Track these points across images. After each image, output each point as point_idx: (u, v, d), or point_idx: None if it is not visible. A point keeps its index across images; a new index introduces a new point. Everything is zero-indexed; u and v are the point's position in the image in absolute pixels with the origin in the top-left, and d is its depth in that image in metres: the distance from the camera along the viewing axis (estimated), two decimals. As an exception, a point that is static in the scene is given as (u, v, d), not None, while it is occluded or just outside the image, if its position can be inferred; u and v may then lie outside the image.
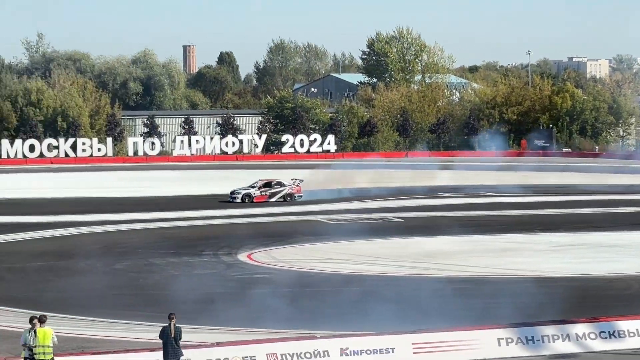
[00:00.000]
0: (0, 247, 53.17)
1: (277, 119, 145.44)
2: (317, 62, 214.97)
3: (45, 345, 25.47)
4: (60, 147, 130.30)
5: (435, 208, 71.18)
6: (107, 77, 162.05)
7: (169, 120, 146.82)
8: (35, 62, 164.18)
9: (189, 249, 51.18)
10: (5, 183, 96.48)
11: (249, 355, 27.74)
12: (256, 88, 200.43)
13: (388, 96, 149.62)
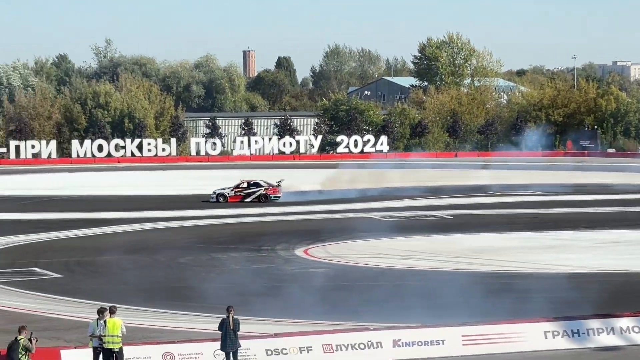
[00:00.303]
0: (70, 242, 53.56)
1: (332, 120, 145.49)
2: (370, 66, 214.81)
3: (114, 334, 25.65)
4: (127, 147, 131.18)
5: (484, 206, 70.91)
6: (171, 80, 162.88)
7: (229, 121, 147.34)
8: (103, 67, 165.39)
9: (249, 244, 51.29)
10: (75, 181, 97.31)
11: (305, 346, 27.76)
12: (312, 91, 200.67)
13: (438, 99, 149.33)
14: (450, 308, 33.88)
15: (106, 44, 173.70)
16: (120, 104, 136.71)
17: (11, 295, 37.87)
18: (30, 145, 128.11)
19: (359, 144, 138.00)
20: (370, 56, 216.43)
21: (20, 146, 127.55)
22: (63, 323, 32.65)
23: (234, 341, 26.17)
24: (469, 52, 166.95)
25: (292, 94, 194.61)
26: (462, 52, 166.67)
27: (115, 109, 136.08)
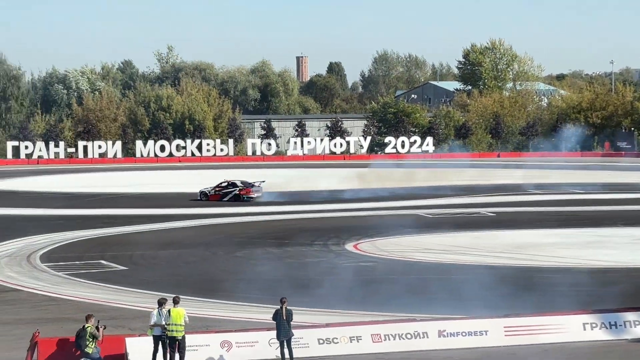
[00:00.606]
0: (134, 236, 53.92)
1: (381, 122, 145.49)
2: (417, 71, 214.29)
3: (177, 323, 25.83)
4: (187, 148, 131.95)
5: (525, 204, 70.59)
6: (228, 85, 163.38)
7: (283, 123, 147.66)
8: (165, 72, 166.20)
9: (302, 238, 51.37)
10: (139, 179, 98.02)
11: (355, 335, 27.79)
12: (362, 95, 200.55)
13: (482, 102, 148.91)
14: (492, 300, 33.76)
15: (168, 50, 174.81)
16: (181, 106, 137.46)
17: (79, 286, 38.22)
18: (97, 146, 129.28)
19: (405, 144, 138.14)
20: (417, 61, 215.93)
21: (88, 146, 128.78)
22: (127, 312, 32.91)
23: (287, 330, 26.27)
24: (511, 57, 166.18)
25: (342, 97, 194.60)
26: (504, 58, 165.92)
27: (177, 112, 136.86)
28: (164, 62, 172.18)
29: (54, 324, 30.25)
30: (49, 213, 65.14)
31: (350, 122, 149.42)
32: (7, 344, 28.57)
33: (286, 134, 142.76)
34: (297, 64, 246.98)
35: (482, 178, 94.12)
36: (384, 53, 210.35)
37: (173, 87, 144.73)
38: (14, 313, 33.19)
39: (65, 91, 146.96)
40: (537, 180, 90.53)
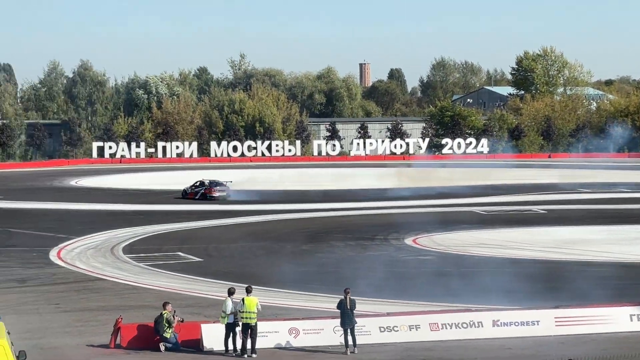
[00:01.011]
0: (209, 230, 54.26)
1: (438, 125, 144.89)
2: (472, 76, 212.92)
3: (251, 311, 25.99)
4: (258, 148, 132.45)
5: (575, 202, 69.91)
6: (296, 90, 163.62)
7: (347, 126, 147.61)
8: (238, 78, 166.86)
9: (364, 233, 51.36)
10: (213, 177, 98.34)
11: (414, 324, 27.74)
12: (421, 99, 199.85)
13: (534, 106, 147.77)
14: (544, 292, 33.53)
15: (241, 58, 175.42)
16: (252, 110, 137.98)
17: (158, 276, 38.57)
18: (175, 146, 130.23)
19: (461, 146, 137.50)
20: (472, 68, 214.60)
21: (166, 147, 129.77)
22: (202, 301, 33.14)
23: (351, 319, 26.30)
24: (561, 64, 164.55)
25: (402, 101, 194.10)
26: (555, 64, 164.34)
27: (248, 115, 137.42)
28: (237, 69, 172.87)
29: (135, 310, 30.60)
30: (130, 208, 65.78)
31: (410, 125, 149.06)
32: (92, 329, 28.95)
33: (349, 135, 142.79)
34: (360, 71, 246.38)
35: (534, 177, 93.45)
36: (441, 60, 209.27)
37: (245, 92, 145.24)
38: (99, 300, 33.61)
39: (146, 96, 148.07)
40: (586, 179, 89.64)
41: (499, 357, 24.54)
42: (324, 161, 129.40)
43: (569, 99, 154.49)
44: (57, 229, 53.69)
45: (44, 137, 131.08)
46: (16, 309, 31.74)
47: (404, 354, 25.95)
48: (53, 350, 26.43)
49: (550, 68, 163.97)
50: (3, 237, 50.95)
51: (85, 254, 44.47)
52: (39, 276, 38.76)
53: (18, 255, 44.28)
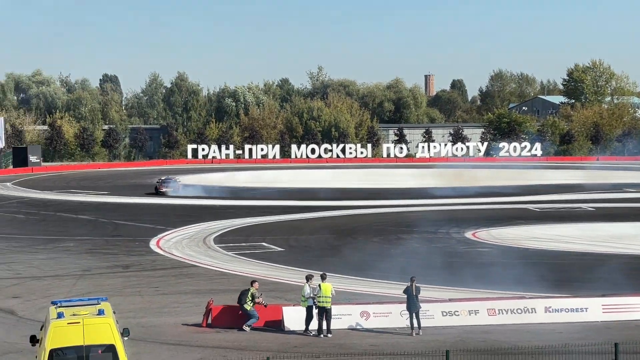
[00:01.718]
0: (289, 223, 54.39)
1: (496, 130, 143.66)
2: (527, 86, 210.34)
3: (326, 296, 26.09)
4: (333, 151, 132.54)
5: (622, 200, 68.73)
6: (368, 98, 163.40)
7: (413, 131, 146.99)
8: (316, 88, 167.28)
9: (428, 227, 51.08)
10: (294, 176, 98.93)
11: (473, 309, 27.59)
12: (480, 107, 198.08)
13: (583, 113, 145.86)
14: (593, 282, 33.06)
15: (318, 70, 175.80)
16: (328, 116, 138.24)
17: (245, 263, 38.81)
18: (260, 148, 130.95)
19: (517, 149, 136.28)
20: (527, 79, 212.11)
21: (252, 149, 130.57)
22: (284, 286, 33.29)
23: (415, 304, 26.24)
24: (609, 75, 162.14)
25: (463, 109, 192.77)
26: (603, 76, 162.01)
27: (325, 121, 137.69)
28: (315, 80, 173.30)
29: (225, 294, 30.84)
30: (220, 203, 66.30)
31: (470, 130, 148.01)
32: (187, 310, 29.26)
33: (415, 139, 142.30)
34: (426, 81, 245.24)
35: (583, 178, 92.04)
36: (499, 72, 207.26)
37: (322, 101, 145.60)
38: (192, 284, 33.95)
39: (234, 103, 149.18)
40: (631, 180, 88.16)
41: (551, 340, 24.22)
42: (392, 162, 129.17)
43: (616, 107, 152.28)
44: (157, 221, 54.36)
45: (145, 140, 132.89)
46: (121, 292, 32.23)
47: (463, 336, 25.79)
48: (152, 328, 26.77)
49: (598, 79, 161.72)
50: (109, 228, 51.75)
51: (181, 243, 44.96)
52: (140, 263, 39.29)
53: (123, 245, 44.94)
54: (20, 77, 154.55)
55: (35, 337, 20.18)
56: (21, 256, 41.16)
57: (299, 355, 22.03)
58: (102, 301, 20.00)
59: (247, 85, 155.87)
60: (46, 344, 18.10)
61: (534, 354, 21.98)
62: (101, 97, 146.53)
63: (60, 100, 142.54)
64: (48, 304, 22.23)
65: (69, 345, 18.04)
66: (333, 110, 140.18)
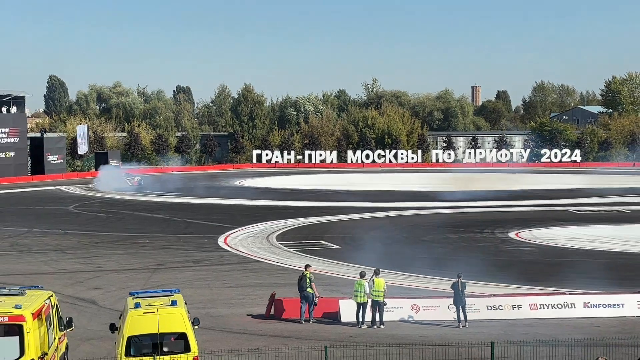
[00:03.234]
0: (346, 223, 54.33)
1: (538, 138, 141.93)
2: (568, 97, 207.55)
3: (379, 290, 26.04)
4: (386, 156, 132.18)
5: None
6: (418, 108, 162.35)
7: (460, 138, 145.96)
8: (370, 98, 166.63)
9: (474, 227, 50.72)
10: (350, 180, 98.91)
11: (516, 304, 27.33)
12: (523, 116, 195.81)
13: (621, 122, 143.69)
14: (629, 280, 32.51)
15: (373, 82, 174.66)
16: (382, 125, 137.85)
17: (305, 259, 38.80)
18: (318, 154, 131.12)
19: (558, 155, 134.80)
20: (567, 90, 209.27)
21: (311, 154, 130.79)
22: (340, 280, 33.26)
23: (462, 298, 26.06)
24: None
25: (507, 118, 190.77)
26: (639, 87, 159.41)
27: (379, 129, 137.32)
28: (370, 91, 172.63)
29: (286, 287, 30.92)
30: (282, 204, 66.49)
31: (514, 137, 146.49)
32: (251, 301, 29.40)
33: (462, 146, 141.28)
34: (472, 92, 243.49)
35: (620, 182, 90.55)
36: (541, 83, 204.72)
37: (376, 110, 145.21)
38: (257, 278, 34.10)
39: (295, 112, 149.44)
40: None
41: (590, 334, 23.87)
42: (441, 167, 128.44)
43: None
44: (225, 220, 54.73)
45: (214, 146, 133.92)
46: (192, 284, 32.50)
47: (507, 329, 25.54)
48: (220, 318, 26.94)
49: (635, 90, 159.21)
50: (181, 226, 52.22)
51: (246, 240, 45.20)
52: (209, 258, 39.58)
53: (193, 241, 45.31)
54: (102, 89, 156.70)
55: (114, 325, 20.46)
56: (102, 251, 41.75)
57: (354, 345, 21.98)
58: (174, 293, 20.19)
59: (307, 96, 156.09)
60: (124, 331, 18.33)
61: (574, 347, 21.66)
62: (174, 106, 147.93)
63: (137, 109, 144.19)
64: (126, 295, 22.53)
65: (144, 332, 18.25)
66: (386, 119, 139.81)
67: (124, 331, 18.33)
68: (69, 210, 62.11)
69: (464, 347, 21.23)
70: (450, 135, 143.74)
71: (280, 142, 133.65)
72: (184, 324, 18.43)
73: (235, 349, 20.84)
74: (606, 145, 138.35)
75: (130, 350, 18.11)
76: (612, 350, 21.63)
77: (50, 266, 37.27)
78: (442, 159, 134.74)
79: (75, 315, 25.52)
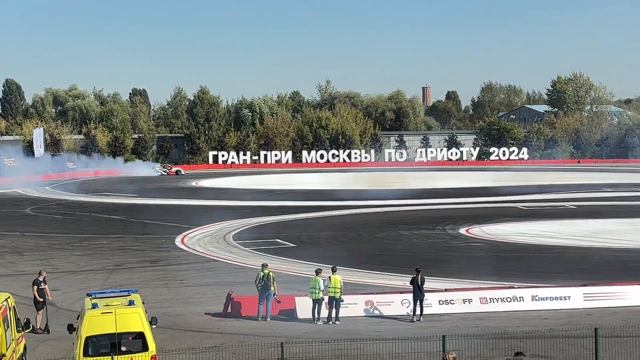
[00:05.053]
0: (301, 221, 54.37)
1: (486, 136, 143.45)
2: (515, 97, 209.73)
3: (335, 287, 26.07)
4: (340, 156, 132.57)
5: (601, 199, 68.45)
6: (371, 109, 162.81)
7: (412, 137, 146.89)
8: (324, 99, 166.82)
9: (426, 224, 51.01)
10: (304, 179, 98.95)
11: (467, 298, 27.54)
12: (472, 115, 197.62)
13: (565, 121, 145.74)
14: (574, 273, 32.97)
15: (327, 83, 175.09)
16: (335, 125, 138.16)
17: (261, 258, 38.73)
18: (274, 154, 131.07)
19: (506, 153, 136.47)
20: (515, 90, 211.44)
21: (267, 155, 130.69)
22: (296, 278, 33.23)
23: (421, 293, 26.24)
24: (588, 86, 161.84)
25: (457, 117, 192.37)
26: (583, 87, 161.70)
27: (332, 129, 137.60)
28: (323, 92, 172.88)
29: (243, 286, 30.82)
30: (239, 204, 66.29)
31: (463, 137, 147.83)
32: (209, 300, 29.27)
33: (414, 145, 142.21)
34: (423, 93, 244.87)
35: (566, 179, 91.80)
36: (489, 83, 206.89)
37: (330, 111, 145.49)
38: (214, 277, 33.94)
39: (251, 114, 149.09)
40: (609, 180, 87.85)
41: (537, 326, 24.17)
42: (393, 166, 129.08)
43: (595, 115, 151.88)
44: (182, 220, 54.40)
45: (170, 148, 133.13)
46: (149, 284, 32.26)
47: (458, 322, 25.75)
48: (178, 317, 26.78)
49: (579, 90, 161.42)
50: (139, 227, 51.80)
51: (203, 240, 44.96)
52: (167, 258, 39.31)
53: (151, 242, 44.96)
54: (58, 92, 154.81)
55: (72, 325, 20.24)
56: (60, 252, 41.26)
57: (310, 341, 21.99)
58: (132, 293, 20.03)
59: (263, 98, 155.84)
60: (82, 332, 18.14)
61: (522, 339, 21.92)
62: (131, 109, 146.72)
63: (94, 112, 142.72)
64: (84, 295, 22.29)
65: (102, 333, 18.09)
66: (340, 120, 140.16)
67: (81, 331, 18.14)
68: (26, 213, 61.27)
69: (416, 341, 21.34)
70: (402, 135, 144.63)
71: (236, 143, 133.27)
72: (142, 324, 18.28)
73: (193, 347, 20.72)
74: (552, 143, 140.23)
75: (89, 350, 17.93)
76: (559, 342, 21.92)
77: (8, 268, 36.74)
78: (394, 158, 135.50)
79: (34, 317, 25.20)
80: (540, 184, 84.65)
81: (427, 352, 19.69)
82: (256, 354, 20.67)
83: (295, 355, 20.84)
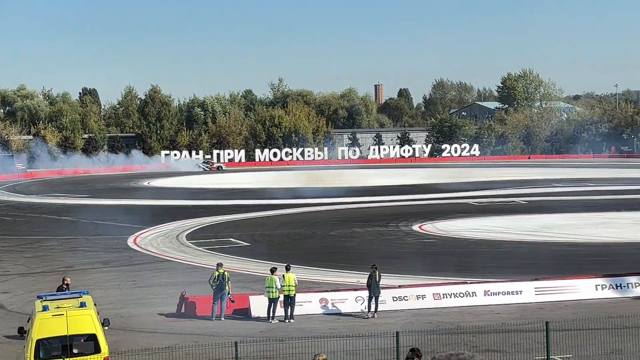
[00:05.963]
0: (255, 220, 54.26)
1: (439, 133, 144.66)
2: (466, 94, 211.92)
3: (290, 285, 26.03)
4: (294, 154, 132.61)
5: (550, 194, 69.41)
6: (324, 106, 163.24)
7: (365, 135, 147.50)
8: (277, 98, 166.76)
9: (379, 222, 51.20)
10: (258, 178, 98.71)
11: (420, 294, 27.71)
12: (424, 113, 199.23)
13: (516, 117, 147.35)
14: (525, 267, 33.35)
15: (279, 81, 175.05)
16: (288, 123, 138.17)
17: (215, 257, 38.53)
18: (227, 153, 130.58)
19: (457, 150, 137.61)
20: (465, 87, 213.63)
21: (220, 153, 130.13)
22: (250, 277, 33.13)
23: (377, 289, 26.34)
24: (538, 83, 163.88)
25: (409, 115, 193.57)
26: (533, 83, 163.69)
27: (285, 127, 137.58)
28: (276, 90, 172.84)
29: (197, 286, 30.63)
30: (191, 203, 65.91)
31: (416, 134, 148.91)
32: (162, 300, 29.05)
33: (367, 143, 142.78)
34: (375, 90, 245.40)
35: (517, 174, 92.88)
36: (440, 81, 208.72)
37: (282, 109, 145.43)
38: (167, 277, 33.70)
39: (203, 113, 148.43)
40: (558, 175, 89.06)
41: (490, 321, 24.41)
42: (347, 163, 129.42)
43: (545, 111, 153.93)
44: (134, 220, 53.91)
45: (122, 147, 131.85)
46: (101, 285, 31.93)
47: (412, 318, 25.89)
48: (131, 318, 26.55)
49: (529, 86, 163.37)
50: (90, 228, 51.20)
51: (156, 240, 44.63)
52: (119, 259, 38.94)
53: (102, 243, 44.50)
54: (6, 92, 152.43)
55: (23, 328, 19.94)
56: (9, 255, 40.63)
57: (265, 340, 21.95)
58: (83, 294, 19.81)
59: (215, 96, 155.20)
60: (33, 334, 17.89)
61: (475, 333, 22.13)
62: (81, 108, 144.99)
63: (43, 112, 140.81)
64: (34, 298, 21.97)
65: (53, 335, 17.86)
66: (292, 118, 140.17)
67: (32, 334, 17.89)
68: (-26, 215, 60.21)
69: (371, 337, 21.43)
70: (355, 133, 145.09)
71: (188, 142, 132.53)
72: (94, 325, 18.09)
73: (146, 348, 20.55)
74: (503, 140, 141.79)
75: (40, 353, 17.69)
76: (512, 336, 22.17)
77: (-44, 272, 36.05)
78: (347, 156, 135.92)
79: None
80: (492, 179, 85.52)
81: (381, 349, 19.78)
82: (210, 354, 20.57)
83: (249, 355, 20.79)
